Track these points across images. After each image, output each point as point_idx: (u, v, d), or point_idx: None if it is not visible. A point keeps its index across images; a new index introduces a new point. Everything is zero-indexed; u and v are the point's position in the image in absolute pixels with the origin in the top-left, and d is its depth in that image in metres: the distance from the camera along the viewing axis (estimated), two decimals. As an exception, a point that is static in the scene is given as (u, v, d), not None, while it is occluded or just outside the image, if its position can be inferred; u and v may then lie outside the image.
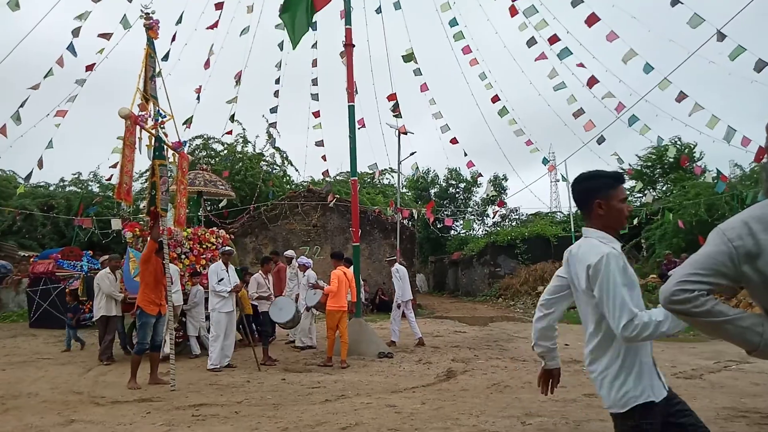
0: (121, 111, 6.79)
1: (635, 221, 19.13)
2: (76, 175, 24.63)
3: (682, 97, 10.11)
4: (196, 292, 9.36)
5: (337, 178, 24.92)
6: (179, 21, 12.22)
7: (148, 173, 9.09)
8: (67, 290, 11.90)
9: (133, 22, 11.00)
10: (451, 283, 32.49)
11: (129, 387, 6.83)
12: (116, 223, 8.65)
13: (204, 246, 10.07)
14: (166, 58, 12.46)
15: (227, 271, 8.48)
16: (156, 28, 7.48)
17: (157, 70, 7.58)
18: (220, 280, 8.37)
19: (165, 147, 7.42)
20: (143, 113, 7.11)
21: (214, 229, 10.79)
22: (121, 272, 9.30)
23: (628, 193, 22.62)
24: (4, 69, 9.56)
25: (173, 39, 12.38)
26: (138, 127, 6.96)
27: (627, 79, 11.09)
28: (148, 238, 7.41)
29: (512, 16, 11.59)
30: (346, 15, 10.69)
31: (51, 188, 23.99)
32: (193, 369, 8.16)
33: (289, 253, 11.35)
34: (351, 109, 10.60)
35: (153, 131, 7.23)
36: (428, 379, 7.20)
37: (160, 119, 7.39)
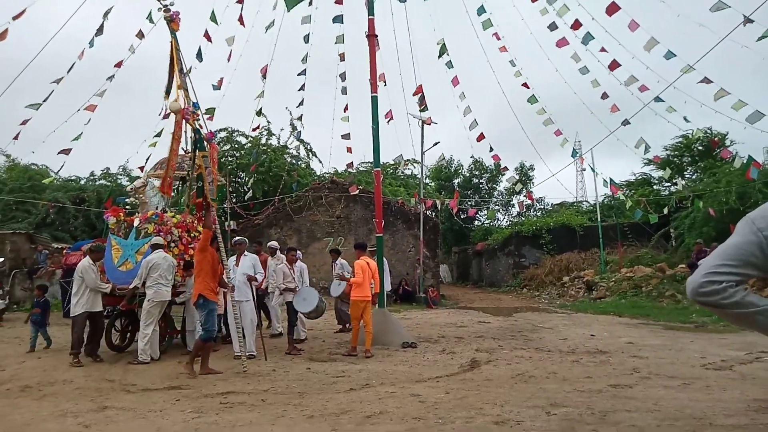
0: (172, 105, 6.93)
1: (665, 210, 18.75)
2: (106, 170, 25.18)
3: (706, 81, 9.86)
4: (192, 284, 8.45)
5: (360, 168, 24.95)
6: (213, 17, 12.28)
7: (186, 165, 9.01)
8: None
9: (157, 20, 11.18)
10: (475, 273, 32.38)
11: (203, 373, 6.87)
12: (136, 221, 8.69)
13: (192, 235, 9.20)
14: (200, 56, 12.51)
15: (237, 261, 8.58)
16: (177, 20, 7.55)
17: (183, 62, 7.67)
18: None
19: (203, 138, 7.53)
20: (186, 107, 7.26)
21: (202, 216, 10.30)
22: (101, 262, 8.63)
23: (656, 182, 22.15)
24: (32, 68, 9.78)
25: (206, 36, 12.41)
26: (184, 121, 7.11)
27: (653, 65, 10.85)
28: (202, 228, 7.40)
29: (533, 1, 11.43)
30: (369, 5, 10.65)
31: (82, 182, 24.56)
32: (220, 358, 8.29)
33: (273, 244, 10.64)
34: (374, 100, 10.59)
35: (194, 124, 7.36)
36: (452, 369, 7.21)
37: (195, 111, 7.49)
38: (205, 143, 7.85)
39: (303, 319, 9.85)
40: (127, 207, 9.32)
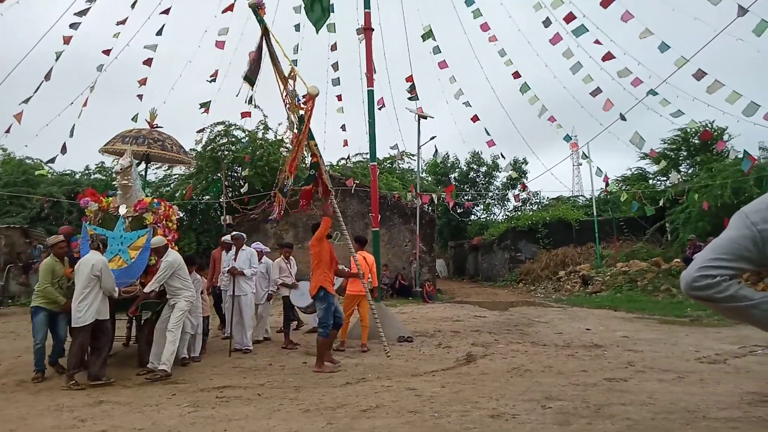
0: (313, 90, 6.93)
1: (660, 202, 18.80)
2: (101, 164, 25.01)
3: (700, 74, 9.83)
4: (193, 281, 7.49)
5: (357, 158, 24.88)
6: None
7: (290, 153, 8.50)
8: None
9: (150, 13, 11.15)
10: (471, 268, 32.41)
11: (317, 371, 6.72)
12: (122, 209, 7.65)
13: (168, 224, 8.11)
14: (160, 32, 12.33)
15: (236, 256, 8.56)
16: (264, 7, 7.56)
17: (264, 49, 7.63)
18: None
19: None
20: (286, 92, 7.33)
21: (173, 204, 8.99)
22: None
23: (652, 176, 22.23)
24: (26, 64, 9.74)
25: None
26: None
27: (646, 61, 10.89)
28: (323, 217, 7.23)
29: None
30: (365, -2, 10.60)
31: (77, 176, 24.43)
32: (216, 352, 8.31)
33: (157, 240, 8.66)
34: (370, 94, 10.56)
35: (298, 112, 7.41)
36: (448, 363, 7.22)
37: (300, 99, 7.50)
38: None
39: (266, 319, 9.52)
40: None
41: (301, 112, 7.32)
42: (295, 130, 7.43)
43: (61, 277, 6.77)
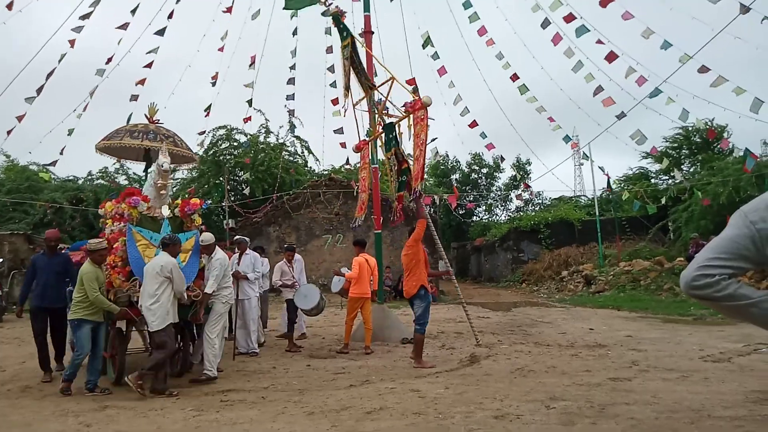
0: (427, 100, 7.05)
1: (662, 200, 18.78)
2: (103, 169, 25.08)
3: (704, 70, 9.81)
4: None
5: (357, 165, 24.92)
6: None
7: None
8: None
9: (151, 20, 11.21)
10: (473, 269, 32.40)
11: (418, 367, 7.01)
12: (165, 210, 7.03)
13: None
14: (162, 32, 12.37)
15: (239, 260, 8.56)
16: (344, 15, 7.72)
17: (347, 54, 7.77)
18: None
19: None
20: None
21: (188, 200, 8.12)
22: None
23: (654, 175, 22.22)
24: (24, 74, 9.82)
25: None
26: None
27: (646, 61, 10.89)
28: (418, 219, 7.53)
29: None
30: (365, 1, 10.61)
31: (79, 182, 24.49)
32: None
33: (207, 236, 7.59)
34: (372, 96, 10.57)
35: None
36: (451, 365, 7.22)
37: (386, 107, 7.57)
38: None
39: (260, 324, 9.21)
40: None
41: (387, 119, 7.46)
42: (366, 137, 7.59)
43: (102, 284, 6.32)
